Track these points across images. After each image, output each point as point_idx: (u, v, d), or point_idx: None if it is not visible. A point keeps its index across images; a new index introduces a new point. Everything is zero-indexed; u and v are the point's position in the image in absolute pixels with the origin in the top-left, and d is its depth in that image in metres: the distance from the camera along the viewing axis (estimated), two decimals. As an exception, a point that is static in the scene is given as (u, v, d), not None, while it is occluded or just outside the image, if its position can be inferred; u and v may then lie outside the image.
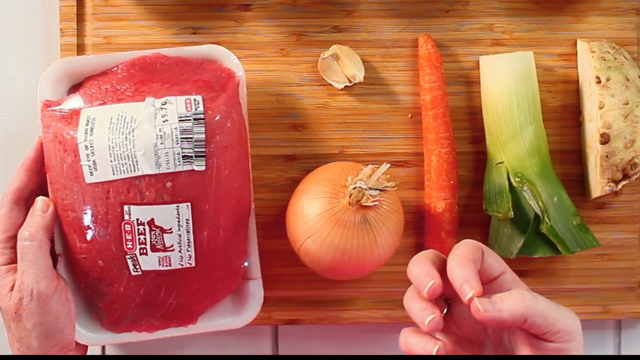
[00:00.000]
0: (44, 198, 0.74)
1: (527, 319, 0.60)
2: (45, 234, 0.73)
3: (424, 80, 0.81)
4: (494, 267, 0.64)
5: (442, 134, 0.80)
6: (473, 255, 0.62)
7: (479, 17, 0.83)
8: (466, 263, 0.61)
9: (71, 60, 0.76)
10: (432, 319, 0.61)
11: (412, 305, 0.63)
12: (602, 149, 0.77)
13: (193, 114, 0.72)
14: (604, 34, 0.83)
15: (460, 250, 0.63)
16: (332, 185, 0.74)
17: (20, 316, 0.71)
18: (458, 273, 0.61)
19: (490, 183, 0.80)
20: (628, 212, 0.84)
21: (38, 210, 0.73)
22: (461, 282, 0.61)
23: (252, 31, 0.82)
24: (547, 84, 0.83)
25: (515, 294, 0.61)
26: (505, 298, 0.60)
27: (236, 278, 0.77)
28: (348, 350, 0.85)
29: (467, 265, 0.61)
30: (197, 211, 0.72)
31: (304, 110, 0.82)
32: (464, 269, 0.61)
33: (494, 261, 0.64)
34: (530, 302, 0.60)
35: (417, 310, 0.62)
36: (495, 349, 0.65)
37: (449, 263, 0.62)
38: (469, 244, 0.63)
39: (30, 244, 0.72)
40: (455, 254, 0.63)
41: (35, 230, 0.72)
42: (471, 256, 0.62)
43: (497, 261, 0.64)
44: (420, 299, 0.62)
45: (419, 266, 0.63)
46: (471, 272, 0.61)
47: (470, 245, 0.63)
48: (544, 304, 0.61)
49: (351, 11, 0.82)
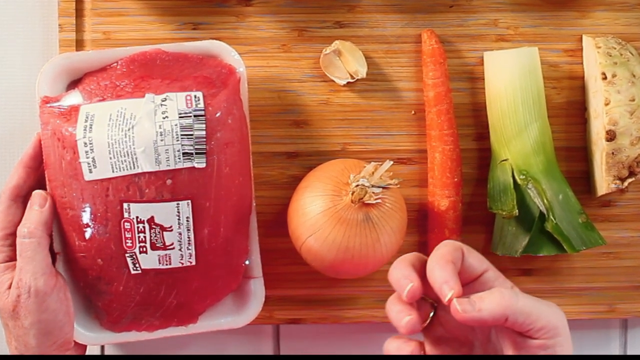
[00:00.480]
0: (40, 192, 0.74)
1: (508, 317, 0.60)
2: (44, 230, 0.73)
3: (428, 76, 0.81)
4: (475, 266, 0.64)
5: (445, 130, 0.80)
6: (452, 255, 0.62)
7: (483, 12, 0.83)
8: (445, 264, 0.61)
9: (70, 56, 0.76)
10: (409, 320, 0.61)
11: (391, 309, 0.63)
12: (608, 146, 0.77)
13: (193, 111, 0.72)
14: (610, 29, 0.83)
15: (440, 252, 0.63)
16: (334, 183, 0.74)
17: (18, 314, 0.71)
18: (437, 274, 0.61)
19: (495, 180, 0.80)
20: (634, 210, 0.84)
21: (36, 205, 0.73)
22: (440, 283, 0.61)
23: (253, 26, 0.82)
24: (552, 80, 0.83)
25: (494, 293, 0.61)
26: (485, 297, 0.60)
27: (237, 277, 0.77)
28: (350, 350, 0.85)
29: (446, 266, 0.61)
30: (197, 209, 0.72)
31: (305, 106, 0.82)
32: (443, 270, 0.61)
33: (475, 260, 0.64)
34: (510, 300, 0.60)
35: (395, 313, 0.62)
36: (484, 348, 0.65)
37: (428, 265, 0.62)
38: (448, 245, 0.63)
39: (29, 241, 0.72)
40: (435, 255, 0.63)
41: (34, 227, 0.72)
42: (450, 257, 0.62)
43: (479, 260, 0.64)
44: (399, 302, 0.63)
45: (398, 270, 0.63)
46: (450, 273, 0.61)
47: (449, 246, 0.63)
48: (525, 301, 0.60)
49: (354, 6, 0.82)
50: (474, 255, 0.64)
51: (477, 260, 0.64)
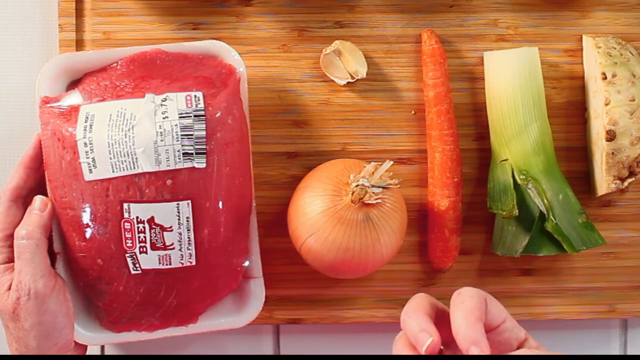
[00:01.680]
0: (42, 197, 0.74)
1: None
2: (42, 232, 0.73)
3: (428, 76, 0.81)
4: (496, 315, 0.60)
5: (445, 130, 0.80)
6: (480, 311, 0.58)
7: (483, 12, 0.83)
8: (475, 322, 0.57)
9: (70, 56, 0.76)
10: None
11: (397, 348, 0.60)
12: (608, 146, 0.77)
13: (193, 111, 0.72)
14: (610, 29, 0.83)
15: (467, 306, 0.58)
16: (334, 183, 0.74)
17: (18, 316, 0.71)
18: (466, 333, 0.57)
19: (495, 181, 0.80)
20: (634, 210, 0.83)
21: (36, 209, 0.73)
22: (469, 344, 0.56)
23: (253, 27, 0.82)
24: (552, 80, 0.83)
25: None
26: None
27: (237, 277, 0.77)
28: (350, 350, 0.85)
29: (475, 325, 0.57)
30: (197, 209, 0.72)
31: (305, 106, 0.82)
32: (472, 329, 0.57)
33: (496, 309, 0.60)
34: None
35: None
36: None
37: (454, 321, 0.58)
38: (475, 298, 0.59)
39: (27, 243, 0.72)
40: (461, 310, 0.58)
41: (33, 229, 0.72)
42: (478, 313, 0.57)
43: (499, 309, 0.60)
44: (413, 351, 0.59)
45: (415, 321, 0.59)
46: (479, 332, 0.56)
47: (475, 299, 0.59)
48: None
49: (354, 6, 0.82)
50: (495, 304, 0.60)
51: (497, 310, 0.60)
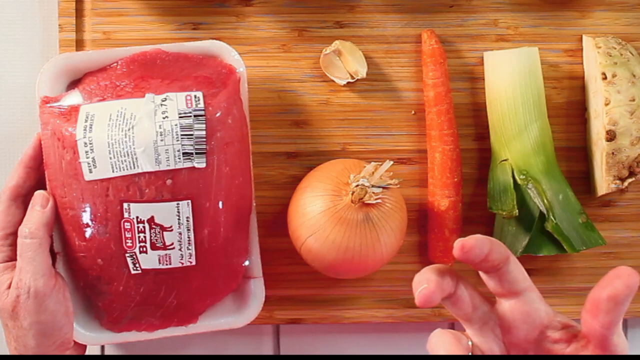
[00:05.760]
0: (43, 192, 0.74)
1: None
2: (45, 231, 0.73)
3: (428, 76, 0.81)
4: (519, 279, 0.61)
5: (445, 130, 0.80)
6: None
7: (483, 12, 0.83)
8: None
9: (70, 56, 0.77)
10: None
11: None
12: (608, 146, 0.77)
13: (193, 111, 0.72)
14: (610, 29, 0.83)
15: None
16: (334, 183, 0.74)
17: (17, 314, 0.71)
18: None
19: (495, 181, 0.80)
20: (634, 210, 0.84)
21: (38, 205, 0.73)
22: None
23: (253, 27, 0.82)
24: (552, 80, 0.83)
25: None
26: None
27: (237, 277, 0.77)
28: (350, 350, 0.85)
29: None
30: (197, 209, 0.72)
31: (305, 106, 0.82)
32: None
33: (518, 273, 0.61)
34: None
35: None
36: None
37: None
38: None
39: (31, 242, 0.72)
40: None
41: (36, 228, 0.72)
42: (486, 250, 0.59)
43: (523, 274, 0.61)
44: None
45: (418, 275, 0.60)
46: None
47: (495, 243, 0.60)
48: None
49: (354, 6, 0.82)
50: (520, 268, 0.61)
51: (520, 274, 0.60)
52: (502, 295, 0.61)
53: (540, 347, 0.61)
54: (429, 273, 0.59)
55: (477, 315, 0.61)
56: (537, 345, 0.61)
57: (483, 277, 0.61)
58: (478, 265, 0.60)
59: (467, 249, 0.58)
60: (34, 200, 0.73)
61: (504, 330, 0.61)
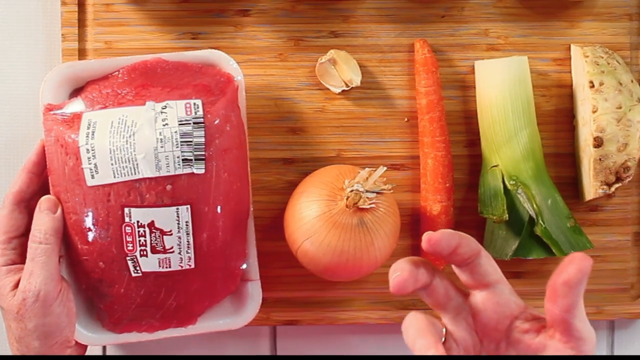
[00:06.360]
0: (51, 197, 0.74)
1: None
2: (58, 236, 0.73)
3: (420, 84, 0.81)
4: (490, 272, 0.63)
5: (437, 137, 0.81)
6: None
7: (474, 22, 0.83)
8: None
9: (73, 64, 0.76)
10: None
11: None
12: (596, 153, 0.77)
13: (193, 118, 0.72)
14: (598, 39, 0.83)
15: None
16: (329, 188, 0.74)
17: (23, 316, 0.71)
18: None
19: (485, 186, 0.80)
20: (621, 215, 0.84)
21: (48, 210, 0.73)
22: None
23: (250, 36, 0.82)
24: (542, 88, 0.83)
25: None
26: None
27: (235, 279, 0.77)
28: (345, 351, 0.85)
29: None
30: (196, 213, 0.72)
31: (301, 114, 0.83)
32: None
33: (490, 267, 0.64)
34: None
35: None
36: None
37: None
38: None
39: (45, 247, 0.72)
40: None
41: (50, 233, 0.72)
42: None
43: (494, 268, 0.64)
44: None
45: (395, 264, 0.63)
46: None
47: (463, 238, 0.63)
48: None
49: (348, 17, 0.83)
50: (491, 262, 0.63)
51: (491, 267, 0.63)
52: (474, 287, 0.63)
53: (510, 336, 0.63)
54: (404, 263, 0.62)
55: (451, 305, 0.64)
56: (508, 334, 0.63)
57: (455, 270, 0.64)
58: (448, 258, 0.62)
59: (433, 242, 0.61)
60: (42, 204, 0.73)
61: (476, 319, 0.64)
